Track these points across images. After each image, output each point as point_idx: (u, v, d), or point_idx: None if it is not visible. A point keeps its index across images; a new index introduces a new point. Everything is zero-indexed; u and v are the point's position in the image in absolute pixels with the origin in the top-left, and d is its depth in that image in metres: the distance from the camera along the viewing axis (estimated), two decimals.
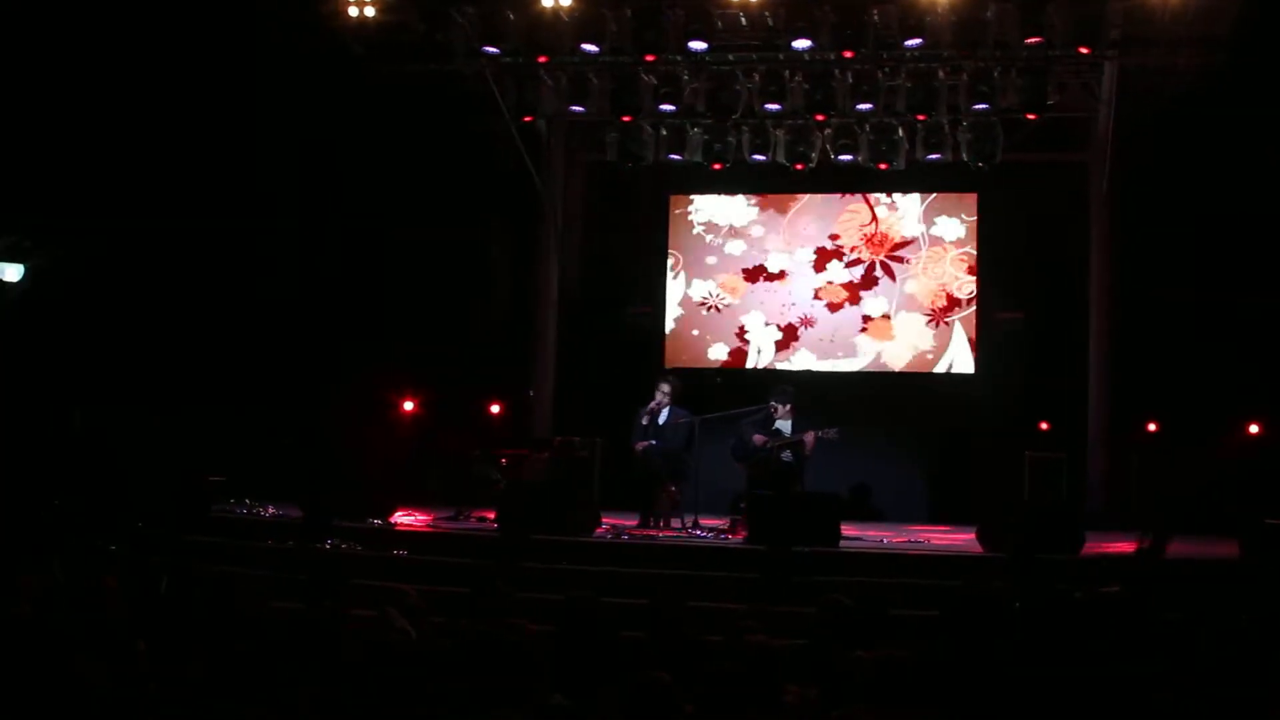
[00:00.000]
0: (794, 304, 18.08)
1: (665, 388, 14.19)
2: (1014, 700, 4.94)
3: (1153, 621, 6.56)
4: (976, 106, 15.01)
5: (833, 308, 17.95)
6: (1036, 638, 5.23)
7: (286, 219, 18.46)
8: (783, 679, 5.43)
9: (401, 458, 17.15)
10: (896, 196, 17.88)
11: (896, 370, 17.75)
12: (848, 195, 17.97)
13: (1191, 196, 16.48)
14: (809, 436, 13.90)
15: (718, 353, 18.26)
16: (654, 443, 14.07)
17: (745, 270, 18.30)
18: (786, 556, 11.21)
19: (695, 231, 18.57)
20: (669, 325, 18.48)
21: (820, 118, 15.36)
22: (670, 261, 18.57)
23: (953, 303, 17.64)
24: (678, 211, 18.65)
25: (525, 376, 17.86)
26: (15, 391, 17.26)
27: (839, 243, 18.02)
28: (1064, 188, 17.23)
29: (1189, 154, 16.30)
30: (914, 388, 17.63)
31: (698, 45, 14.54)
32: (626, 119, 15.77)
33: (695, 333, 18.40)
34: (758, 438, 14.05)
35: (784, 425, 14.14)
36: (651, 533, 13.35)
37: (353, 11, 15.13)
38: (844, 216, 18.07)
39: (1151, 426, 16.50)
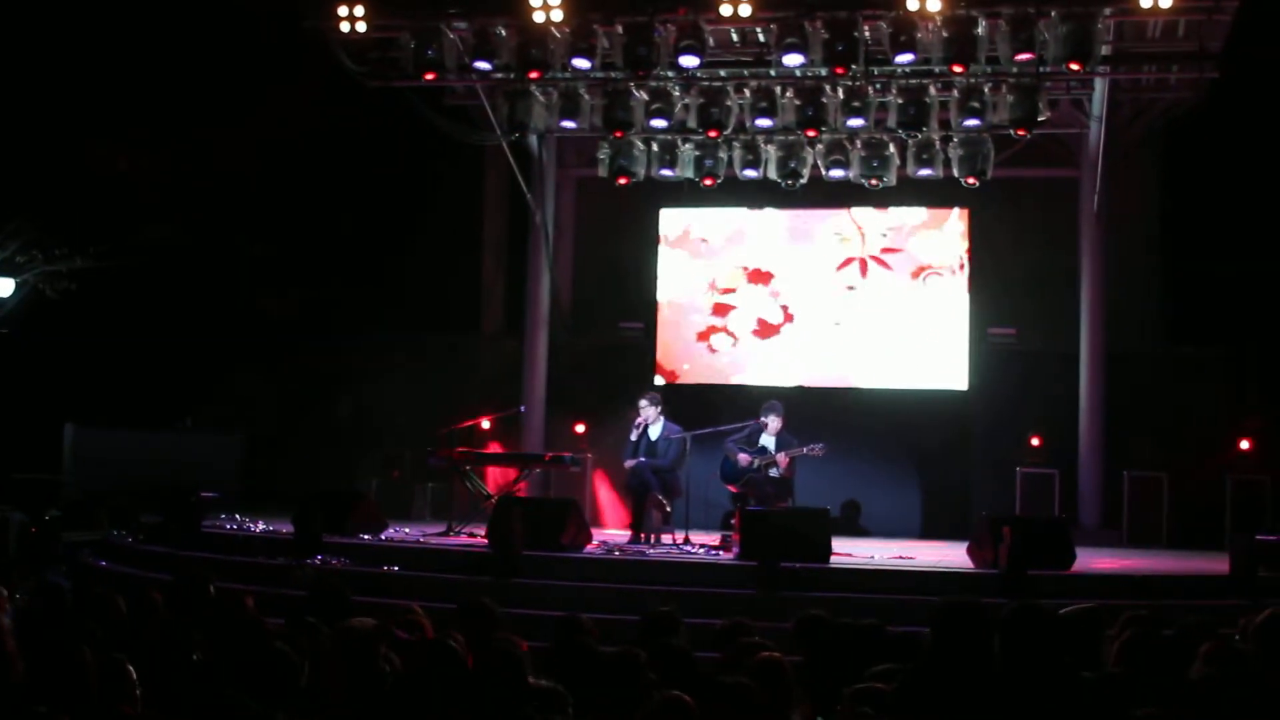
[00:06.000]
0: (787, 320, 18.08)
1: (644, 403, 14.20)
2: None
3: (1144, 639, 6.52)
4: (967, 123, 15.02)
5: (825, 323, 17.96)
6: (1022, 654, 5.19)
7: (276, 236, 18.47)
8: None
9: (391, 472, 17.15)
10: (886, 212, 17.88)
11: (889, 387, 17.74)
12: (839, 209, 17.98)
13: (1183, 212, 16.53)
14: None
15: (709, 369, 18.27)
16: (644, 460, 14.04)
17: (734, 286, 18.31)
18: (776, 572, 11.17)
19: (686, 247, 18.58)
20: (660, 341, 18.47)
21: (811, 133, 15.34)
22: (661, 277, 18.56)
23: (945, 318, 17.65)
24: (669, 226, 18.63)
25: (516, 392, 17.83)
26: (5, 406, 17.24)
27: (831, 259, 18.05)
28: (1055, 204, 17.26)
29: (1180, 170, 16.36)
30: (907, 404, 17.61)
31: (689, 61, 14.52)
32: (618, 134, 15.74)
33: (686, 348, 18.40)
34: (743, 457, 13.99)
35: (769, 441, 14.08)
36: (642, 549, 13.30)
37: (344, 26, 15.12)
38: (833, 232, 18.10)
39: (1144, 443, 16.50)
